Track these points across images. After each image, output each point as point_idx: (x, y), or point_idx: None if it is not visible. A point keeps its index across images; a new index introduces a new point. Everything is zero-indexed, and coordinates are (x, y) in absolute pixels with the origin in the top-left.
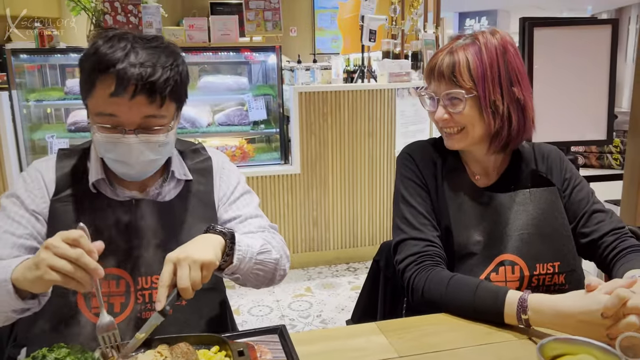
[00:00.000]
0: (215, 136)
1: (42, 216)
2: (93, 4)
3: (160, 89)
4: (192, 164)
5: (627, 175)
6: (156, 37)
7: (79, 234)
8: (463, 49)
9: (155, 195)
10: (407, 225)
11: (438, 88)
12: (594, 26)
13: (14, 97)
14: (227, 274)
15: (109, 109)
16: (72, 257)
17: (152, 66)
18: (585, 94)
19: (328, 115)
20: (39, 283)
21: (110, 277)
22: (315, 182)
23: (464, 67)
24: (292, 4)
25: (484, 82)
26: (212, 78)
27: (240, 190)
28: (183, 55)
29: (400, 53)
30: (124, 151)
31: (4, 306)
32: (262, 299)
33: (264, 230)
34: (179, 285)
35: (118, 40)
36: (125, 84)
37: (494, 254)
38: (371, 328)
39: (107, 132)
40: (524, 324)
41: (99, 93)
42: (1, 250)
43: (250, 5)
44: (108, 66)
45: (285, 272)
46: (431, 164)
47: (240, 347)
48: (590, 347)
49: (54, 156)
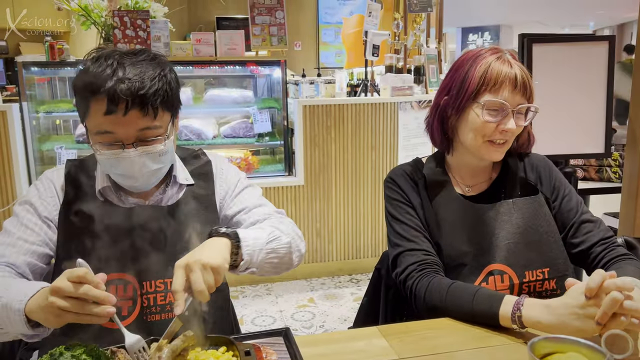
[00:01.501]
0: (221, 148)
1: (54, 223)
2: (103, 18)
3: (152, 101)
4: (193, 168)
5: (625, 188)
6: (142, 50)
7: (83, 271)
8: (514, 60)
9: (158, 200)
10: (401, 239)
11: (513, 99)
12: (591, 42)
13: (24, 109)
14: (241, 271)
15: (105, 127)
16: (81, 294)
17: (140, 80)
18: (583, 108)
19: (332, 128)
20: (53, 323)
21: (118, 282)
22: (319, 194)
23: (531, 81)
24: (297, 19)
25: None
26: (218, 91)
27: (242, 185)
28: (170, 64)
29: (403, 67)
30: (127, 165)
31: (16, 329)
32: (265, 309)
33: (270, 217)
34: (196, 288)
35: (105, 59)
36: (116, 102)
37: (483, 264)
38: (372, 332)
39: (108, 148)
40: (518, 322)
41: (94, 113)
42: (15, 257)
43: (256, 20)
44: (98, 86)
45: (301, 253)
46: (413, 183)
47: (247, 348)
48: (578, 345)
49: (63, 166)
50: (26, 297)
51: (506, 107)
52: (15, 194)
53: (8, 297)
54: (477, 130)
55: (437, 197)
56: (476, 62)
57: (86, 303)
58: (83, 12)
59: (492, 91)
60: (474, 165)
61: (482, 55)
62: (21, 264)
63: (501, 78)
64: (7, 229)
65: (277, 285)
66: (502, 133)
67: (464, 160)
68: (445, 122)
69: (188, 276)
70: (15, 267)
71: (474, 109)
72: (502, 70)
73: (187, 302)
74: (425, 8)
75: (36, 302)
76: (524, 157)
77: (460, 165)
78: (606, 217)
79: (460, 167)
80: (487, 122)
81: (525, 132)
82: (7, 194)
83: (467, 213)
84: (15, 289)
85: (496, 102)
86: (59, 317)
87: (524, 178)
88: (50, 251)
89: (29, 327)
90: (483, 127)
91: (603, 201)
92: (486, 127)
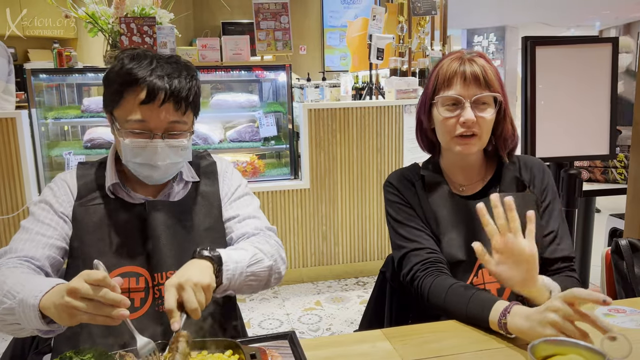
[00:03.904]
0: (227, 152)
1: (69, 218)
2: (110, 25)
3: (185, 97)
4: (199, 167)
5: (631, 189)
6: (172, 55)
7: (102, 274)
8: (478, 58)
9: (166, 196)
10: (404, 240)
11: (467, 91)
12: (595, 44)
13: (33, 115)
14: (218, 293)
15: (139, 115)
16: (99, 297)
17: (177, 77)
18: (587, 110)
19: (337, 131)
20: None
21: (130, 275)
22: (325, 197)
23: (492, 74)
24: (302, 23)
25: (502, 89)
26: (224, 96)
27: (241, 192)
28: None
29: (408, 70)
30: (151, 154)
31: (31, 324)
32: (272, 312)
33: (260, 232)
34: (189, 307)
35: (143, 57)
36: (155, 93)
37: (475, 258)
38: (377, 335)
39: (136, 137)
40: (503, 328)
41: (128, 102)
42: (34, 251)
43: (261, 25)
44: (137, 78)
45: (280, 275)
46: (410, 185)
47: (252, 351)
48: (578, 347)
49: (74, 168)
50: (41, 293)
51: (460, 100)
52: (24, 200)
53: (24, 293)
54: (442, 127)
55: (434, 196)
56: (436, 68)
57: (102, 305)
58: (90, 19)
59: (444, 88)
60: (462, 164)
61: (442, 61)
62: (40, 256)
63: (450, 74)
64: (25, 227)
65: (284, 288)
66: (463, 125)
67: (451, 160)
68: (425, 128)
69: (180, 295)
70: (34, 260)
71: (436, 108)
72: (452, 67)
73: (182, 318)
74: (430, 11)
75: (50, 299)
76: (520, 158)
77: (450, 166)
78: (612, 218)
79: (450, 167)
80: (447, 118)
81: (508, 126)
82: (16, 199)
83: (461, 210)
84: (31, 285)
85: (449, 97)
86: (73, 317)
87: (518, 177)
88: (67, 245)
89: (44, 322)
90: (445, 124)
91: (609, 202)
92: (448, 123)
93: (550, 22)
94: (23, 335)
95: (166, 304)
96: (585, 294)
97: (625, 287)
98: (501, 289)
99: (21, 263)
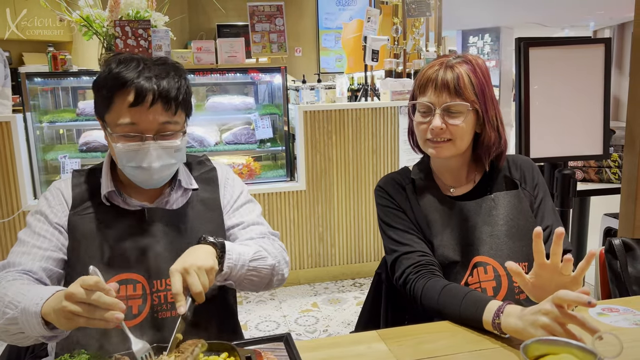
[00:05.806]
0: (223, 154)
1: (64, 228)
2: (104, 28)
3: (174, 97)
4: (198, 174)
5: (624, 189)
6: (160, 57)
7: (96, 279)
8: (459, 65)
9: (163, 203)
10: (396, 244)
11: (438, 99)
12: (588, 45)
13: (28, 119)
14: (219, 281)
15: (129, 118)
16: (92, 300)
17: (165, 78)
18: (581, 110)
19: (333, 133)
20: (65, 326)
21: (128, 282)
22: (321, 199)
23: (467, 82)
24: (297, 25)
25: (484, 97)
26: (219, 98)
27: (244, 199)
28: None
29: (403, 72)
30: (144, 157)
31: (35, 332)
32: (269, 314)
33: (264, 237)
34: (194, 290)
35: (130, 60)
36: (144, 94)
37: (469, 258)
38: (372, 336)
39: (128, 140)
40: (497, 328)
41: (118, 106)
42: (31, 264)
43: (256, 27)
44: (125, 82)
45: (283, 277)
46: (401, 189)
47: (248, 354)
48: (570, 347)
49: (69, 176)
50: (42, 300)
51: (430, 107)
52: (20, 203)
53: (25, 302)
54: (416, 131)
55: (425, 199)
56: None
57: (97, 309)
58: (85, 22)
59: (419, 94)
60: (448, 166)
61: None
62: (37, 270)
63: (424, 81)
64: (21, 239)
65: (281, 290)
66: (431, 132)
67: (437, 162)
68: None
69: (185, 279)
70: (32, 273)
71: (416, 112)
72: (427, 73)
73: (187, 302)
74: (424, 12)
75: (50, 305)
76: (508, 157)
77: (438, 167)
78: (606, 217)
79: (439, 169)
80: (420, 123)
81: (490, 133)
82: (12, 203)
83: (453, 211)
84: (32, 293)
85: (421, 104)
86: (71, 321)
87: (508, 176)
88: (64, 256)
89: (47, 328)
90: (418, 128)
91: (603, 202)
92: (420, 128)
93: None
94: (27, 343)
95: (173, 288)
96: (571, 297)
97: (619, 287)
98: (497, 289)
99: (20, 276)
